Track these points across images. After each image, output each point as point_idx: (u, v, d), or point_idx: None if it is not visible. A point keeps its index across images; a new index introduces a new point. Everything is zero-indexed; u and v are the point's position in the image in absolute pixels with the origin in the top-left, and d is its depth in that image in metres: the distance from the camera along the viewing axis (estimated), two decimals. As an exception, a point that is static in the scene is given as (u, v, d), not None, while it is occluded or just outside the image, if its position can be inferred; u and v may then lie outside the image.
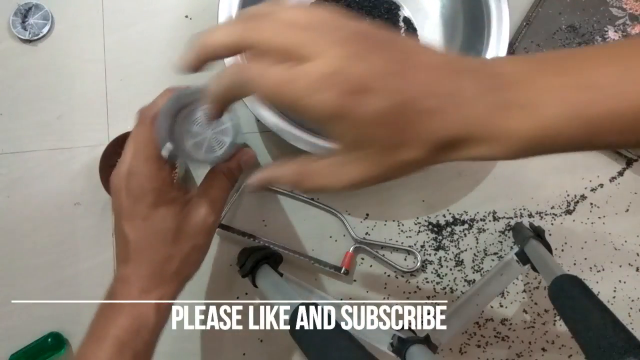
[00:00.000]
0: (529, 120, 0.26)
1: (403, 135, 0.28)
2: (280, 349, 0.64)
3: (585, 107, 0.25)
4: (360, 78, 0.26)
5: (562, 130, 0.26)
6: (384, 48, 0.28)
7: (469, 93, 0.27)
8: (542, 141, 0.27)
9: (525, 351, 0.64)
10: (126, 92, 0.67)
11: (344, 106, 0.26)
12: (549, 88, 0.26)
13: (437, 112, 0.27)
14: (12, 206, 0.66)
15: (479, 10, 0.59)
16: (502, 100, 0.27)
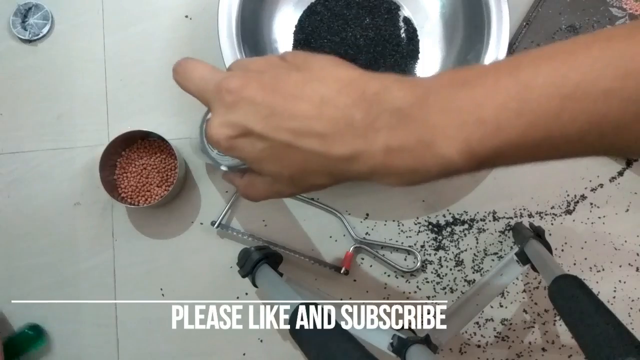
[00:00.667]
0: (425, 160, 0.26)
1: (297, 171, 0.30)
2: (280, 349, 0.64)
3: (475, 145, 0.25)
4: (241, 123, 0.29)
5: (458, 166, 0.26)
6: (269, 88, 0.29)
7: (359, 134, 0.27)
8: (440, 173, 0.27)
9: (525, 351, 0.64)
10: (126, 92, 0.67)
11: (233, 148, 0.30)
12: (439, 128, 0.26)
13: (324, 155, 0.28)
14: (12, 206, 0.66)
15: (479, 10, 0.59)
16: (396, 143, 0.26)
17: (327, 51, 0.65)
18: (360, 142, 0.27)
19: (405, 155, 0.26)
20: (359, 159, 0.27)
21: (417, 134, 0.26)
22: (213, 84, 0.32)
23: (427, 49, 0.66)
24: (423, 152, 0.26)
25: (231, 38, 0.58)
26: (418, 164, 0.26)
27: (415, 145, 0.26)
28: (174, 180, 0.63)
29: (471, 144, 0.25)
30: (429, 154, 0.26)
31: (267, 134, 0.29)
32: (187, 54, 0.67)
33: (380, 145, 0.27)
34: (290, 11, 0.66)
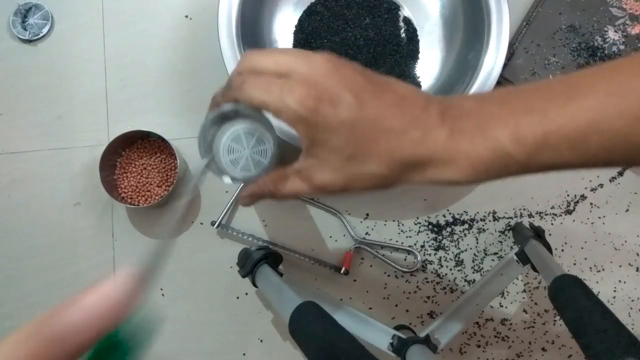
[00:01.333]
0: (480, 143, 0.30)
1: (365, 148, 0.32)
2: (280, 349, 0.64)
3: (525, 130, 0.29)
4: (329, 89, 0.31)
5: (509, 150, 0.29)
6: (362, 73, 0.33)
7: (431, 120, 0.31)
8: (494, 162, 0.30)
9: (525, 351, 0.64)
10: (126, 92, 0.67)
11: (311, 107, 0.31)
12: (495, 116, 0.30)
13: (401, 133, 0.31)
14: (12, 206, 0.66)
15: (479, 10, 0.59)
16: (459, 128, 0.31)
17: (327, 51, 0.65)
18: (430, 127, 0.31)
19: (464, 138, 0.30)
20: (425, 141, 0.31)
21: (475, 121, 0.30)
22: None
23: (427, 49, 0.66)
24: (479, 135, 0.30)
25: (231, 37, 0.58)
26: (473, 148, 0.30)
27: (473, 130, 0.30)
28: (174, 180, 0.63)
29: (520, 128, 0.29)
30: (483, 137, 0.30)
31: (355, 103, 0.31)
32: (187, 54, 0.68)
33: (446, 130, 0.31)
34: (290, 11, 0.66)
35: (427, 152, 0.31)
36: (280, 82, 0.32)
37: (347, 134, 0.32)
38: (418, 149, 0.31)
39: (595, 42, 0.64)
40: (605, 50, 0.64)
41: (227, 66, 0.57)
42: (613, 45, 0.64)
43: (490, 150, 0.30)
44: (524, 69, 0.64)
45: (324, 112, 0.31)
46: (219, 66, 0.66)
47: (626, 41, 0.64)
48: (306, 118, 0.31)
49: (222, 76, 0.66)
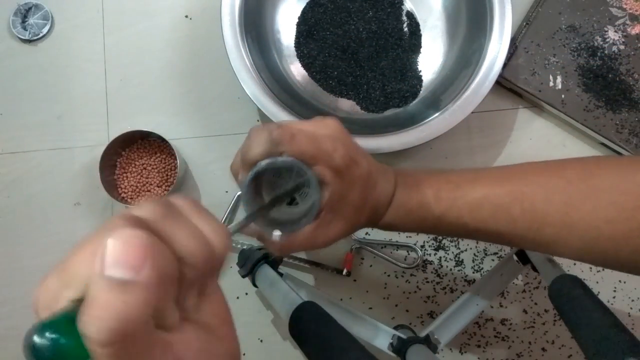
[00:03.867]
0: (414, 196, 0.40)
1: (366, 199, 0.38)
2: (280, 349, 0.64)
3: (443, 193, 0.39)
4: (353, 148, 0.37)
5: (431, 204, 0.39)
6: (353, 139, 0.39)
7: (391, 177, 0.40)
8: (419, 211, 0.40)
9: (525, 351, 0.64)
10: (126, 92, 0.67)
11: (347, 163, 0.36)
12: (426, 180, 0.41)
13: (377, 185, 0.39)
14: (12, 206, 0.66)
15: (482, 4, 0.59)
16: (403, 184, 0.40)
17: (329, 43, 0.65)
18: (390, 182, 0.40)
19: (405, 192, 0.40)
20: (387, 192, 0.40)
21: (413, 181, 0.41)
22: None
23: (430, 43, 0.66)
24: (414, 191, 0.40)
25: (234, 28, 0.58)
26: (409, 199, 0.40)
27: (411, 186, 0.41)
28: (174, 180, 0.63)
29: (440, 192, 0.39)
30: (416, 192, 0.40)
31: (365, 162, 0.38)
32: (187, 54, 0.68)
33: (397, 185, 0.41)
34: (294, 3, 0.66)
35: (385, 201, 0.40)
36: (324, 139, 0.35)
37: (360, 188, 0.37)
38: (382, 197, 0.39)
39: (595, 42, 0.64)
40: (605, 50, 0.64)
41: (230, 57, 0.57)
42: (613, 45, 0.64)
43: (419, 201, 0.39)
44: (524, 69, 0.64)
45: (352, 169, 0.36)
46: (220, 66, 0.66)
47: (626, 41, 0.64)
48: (343, 173, 0.35)
49: (223, 76, 0.66)
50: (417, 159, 0.66)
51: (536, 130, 0.66)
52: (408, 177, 0.41)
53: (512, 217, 0.37)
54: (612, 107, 0.63)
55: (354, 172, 0.37)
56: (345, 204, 0.37)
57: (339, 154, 0.35)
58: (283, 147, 0.34)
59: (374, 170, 0.39)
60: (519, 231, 0.38)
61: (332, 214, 0.37)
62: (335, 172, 0.35)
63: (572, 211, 0.35)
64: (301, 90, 0.65)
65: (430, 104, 0.62)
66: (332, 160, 0.35)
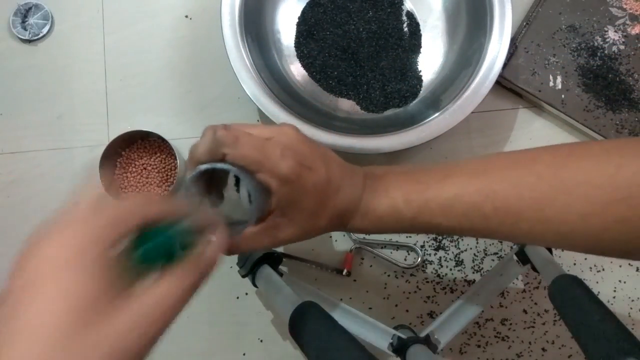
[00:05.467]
0: (383, 201, 0.39)
1: (323, 205, 0.38)
2: (280, 349, 0.64)
3: (413, 195, 0.38)
4: (307, 157, 0.37)
5: (401, 208, 0.39)
6: (316, 143, 0.39)
7: (358, 182, 0.40)
8: (391, 216, 0.39)
9: (525, 351, 0.64)
10: (126, 92, 0.67)
11: (296, 172, 0.35)
12: (394, 183, 0.40)
13: (340, 191, 0.38)
14: (12, 206, 0.66)
15: (482, 4, 0.59)
16: (372, 189, 0.40)
17: (329, 43, 0.65)
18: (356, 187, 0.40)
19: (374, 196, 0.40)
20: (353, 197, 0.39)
21: (382, 184, 0.40)
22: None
23: (430, 43, 0.66)
24: (383, 195, 0.39)
25: (234, 28, 0.58)
26: (378, 204, 0.40)
27: (380, 191, 0.40)
28: (174, 180, 0.63)
29: (410, 194, 0.39)
30: (385, 197, 0.39)
31: (323, 169, 0.38)
32: (187, 54, 0.68)
33: (364, 190, 0.40)
34: (294, 3, 0.66)
35: (351, 206, 0.39)
36: (271, 146, 0.35)
37: (315, 195, 0.37)
38: (347, 203, 0.39)
39: (595, 42, 0.64)
40: (605, 50, 0.64)
41: (230, 57, 0.57)
42: (613, 45, 0.64)
43: (389, 206, 0.39)
44: (524, 69, 0.64)
45: (304, 177, 0.36)
46: (220, 66, 0.66)
47: (626, 41, 0.64)
48: (292, 181, 0.35)
49: (223, 75, 0.66)
50: (417, 159, 0.66)
51: (536, 130, 0.66)
52: (377, 180, 0.41)
53: (485, 215, 0.37)
54: (612, 107, 0.63)
55: (306, 180, 0.36)
56: (296, 209, 0.37)
57: (287, 162, 0.35)
58: (226, 150, 0.34)
59: (337, 176, 0.39)
60: (493, 227, 0.37)
61: (282, 218, 0.37)
62: (280, 180, 0.35)
63: (545, 207, 0.35)
64: (301, 90, 0.65)
65: (430, 104, 0.62)
66: (278, 169, 0.35)
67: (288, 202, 0.36)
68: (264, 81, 0.58)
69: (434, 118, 0.57)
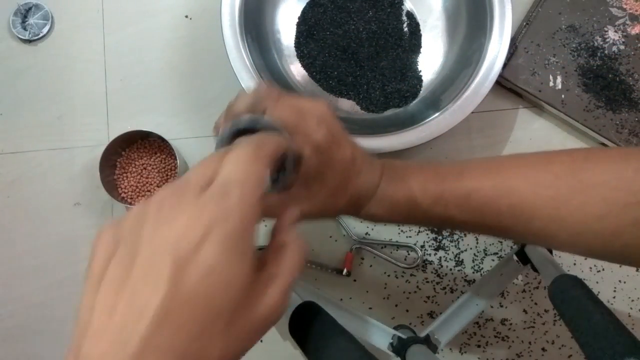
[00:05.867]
0: (400, 189, 0.39)
1: (344, 185, 0.38)
2: (280, 349, 0.64)
3: (429, 185, 0.39)
4: (338, 132, 0.37)
5: (417, 197, 0.39)
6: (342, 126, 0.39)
7: (377, 168, 0.40)
8: (406, 204, 0.39)
9: (525, 351, 0.64)
10: (126, 92, 0.67)
11: (329, 143, 0.36)
12: (412, 173, 0.40)
13: (361, 174, 0.39)
14: (12, 206, 0.66)
15: (482, 4, 0.59)
16: (389, 177, 0.40)
17: (329, 43, 0.65)
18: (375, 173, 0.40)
19: (391, 184, 0.40)
20: (371, 183, 0.40)
21: (400, 174, 0.40)
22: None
23: (430, 43, 0.66)
24: (400, 183, 0.40)
25: (234, 28, 0.58)
26: (394, 192, 0.40)
27: (397, 179, 0.40)
28: (174, 180, 0.63)
29: (427, 184, 0.39)
30: (402, 185, 0.40)
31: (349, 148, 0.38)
32: (187, 54, 0.68)
33: (382, 177, 0.40)
34: (294, 3, 0.66)
35: (369, 191, 0.39)
36: (309, 113, 0.36)
37: (339, 172, 0.37)
38: (366, 187, 0.39)
39: (595, 42, 0.64)
40: (605, 50, 0.64)
41: (230, 57, 0.57)
42: (613, 45, 0.64)
43: (405, 194, 0.39)
44: (524, 69, 0.64)
45: (334, 150, 0.36)
46: (220, 66, 0.66)
47: (626, 41, 0.64)
48: (323, 150, 0.35)
49: (223, 76, 0.66)
50: (417, 159, 0.66)
51: (536, 130, 0.66)
52: (395, 169, 0.41)
53: (500, 211, 0.37)
54: (612, 107, 0.63)
55: (335, 154, 0.36)
56: (320, 183, 0.37)
57: (322, 131, 0.35)
58: (267, 104, 0.35)
59: (360, 159, 0.39)
60: (506, 224, 0.37)
61: (304, 190, 0.37)
62: (314, 147, 0.35)
63: (560, 206, 0.35)
64: (301, 90, 0.65)
65: (430, 104, 0.62)
66: (313, 135, 0.35)
67: (315, 173, 0.36)
68: (264, 81, 0.58)
69: (434, 118, 0.57)
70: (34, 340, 0.65)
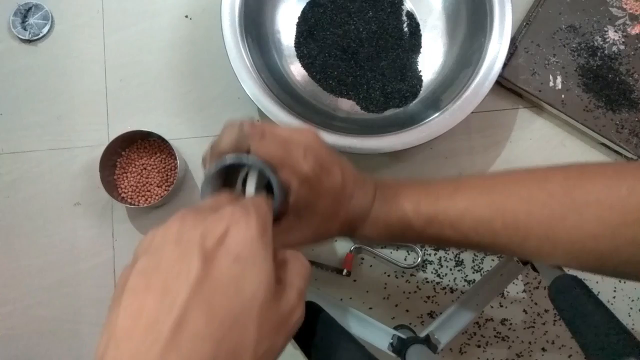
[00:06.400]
0: (393, 210, 0.39)
1: (336, 210, 0.38)
2: (280, 349, 0.64)
3: (422, 207, 0.39)
4: (326, 160, 0.37)
5: (410, 218, 0.39)
6: (331, 148, 0.39)
7: (369, 190, 0.40)
8: (399, 225, 0.39)
9: (525, 351, 0.64)
10: (126, 92, 0.67)
11: (317, 173, 0.36)
12: (405, 193, 0.40)
13: (353, 198, 0.39)
14: (12, 206, 0.66)
15: (482, 4, 0.59)
16: (382, 197, 0.40)
17: (329, 43, 0.65)
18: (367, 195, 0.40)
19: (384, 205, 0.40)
20: (364, 205, 0.40)
21: (392, 194, 0.40)
22: None
23: (430, 43, 0.66)
24: (393, 204, 0.40)
25: (234, 28, 0.58)
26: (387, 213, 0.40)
27: (390, 200, 0.40)
28: (174, 180, 0.63)
29: (420, 205, 0.39)
30: (395, 207, 0.40)
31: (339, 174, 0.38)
32: (187, 54, 0.68)
33: (375, 198, 0.40)
34: (294, 3, 0.66)
35: (362, 214, 0.39)
36: (295, 145, 0.35)
37: (330, 199, 0.37)
38: (358, 210, 0.39)
39: (595, 42, 0.64)
40: (605, 50, 0.64)
41: (230, 57, 0.57)
42: (613, 45, 0.64)
43: (399, 216, 0.39)
44: (524, 69, 0.64)
45: (323, 179, 0.36)
46: (220, 66, 0.66)
47: (626, 41, 0.64)
48: (311, 181, 0.35)
49: (223, 76, 0.66)
50: (417, 159, 0.66)
51: (536, 130, 0.66)
52: (387, 189, 0.41)
53: (494, 231, 0.37)
54: (612, 107, 0.63)
55: (324, 183, 0.36)
56: (312, 212, 0.37)
57: (308, 162, 0.35)
58: (251, 143, 0.34)
59: (351, 183, 0.39)
60: (501, 243, 0.37)
61: (296, 220, 0.37)
62: (301, 179, 0.35)
63: (555, 225, 0.34)
64: (301, 90, 0.65)
65: (430, 104, 0.62)
66: (300, 168, 0.35)
67: (305, 203, 0.36)
68: (264, 81, 0.58)
69: (434, 118, 0.57)
70: (34, 340, 0.65)
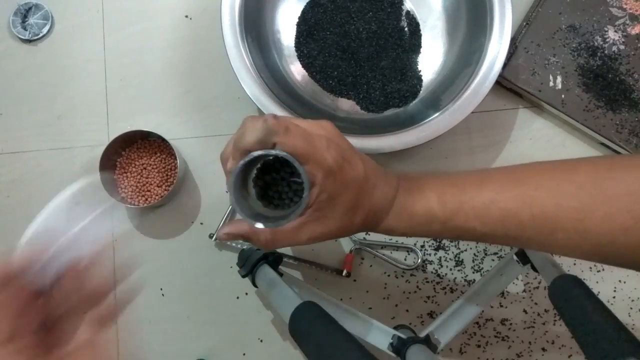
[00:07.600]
0: (417, 201, 0.39)
1: (360, 202, 0.38)
2: (280, 349, 0.64)
3: (447, 197, 0.38)
4: (347, 151, 0.37)
5: (435, 209, 0.38)
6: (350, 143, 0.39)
7: (392, 180, 0.40)
8: (423, 217, 0.39)
9: (525, 351, 0.64)
10: (126, 92, 0.67)
11: (340, 164, 0.36)
12: (429, 184, 0.40)
13: (376, 188, 0.39)
14: (12, 206, 0.66)
15: (482, 3, 0.59)
16: (405, 188, 0.40)
17: (329, 43, 0.65)
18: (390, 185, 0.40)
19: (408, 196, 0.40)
20: (386, 195, 0.40)
21: (416, 185, 0.40)
22: None
23: (430, 42, 0.66)
24: (417, 195, 0.40)
25: (234, 28, 0.58)
26: (412, 204, 0.40)
27: (414, 191, 0.40)
28: (174, 180, 0.63)
29: (444, 195, 0.38)
30: (419, 197, 0.39)
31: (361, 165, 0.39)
32: (187, 54, 0.68)
33: (398, 189, 0.40)
34: (294, 3, 0.66)
35: (386, 205, 0.39)
36: (317, 138, 0.36)
37: (353, 191, 0.37)
38: (382, 201, 0.39)
39: (595, 42, 0.64)
40: (605, 50, 0.64)
41: (230, 57, 0.57)
42: (613, 45, 0.64)
43: (423, 207, 0.39)
44: (524, 69, 0.64)
45: (345, 170, 0.36)
46: (220, 66, 0.66)
47: (626, 41, 0.64)
48: (335, 173, 0.35)
49: (223, 76, 0.66)
50: (417, 159, 0.66)
51: (536, 130, 0.66)
52: (411, 181, 0.40)
53: (521, 222, 0.36)
54: (612, 107, 0.63)
55: (347, 174, 0.36)
56: (336, 204, 0.37)
57: (332, 154, 0.35)
58: (277, 138, 0.34)
59: (373, 173, 0.39)
60: (528, 235, 0.36)
61: (320, 212, 0.37)
62: (326, 172, 0.35)
63: (584, 217, 0.34)
64: (301, 90, 0.65)
65: (430, 104, 0.62)
66: (324, 160, 0.35)
67: (329, 196, 0.36)
68: (264, 81, 0.58)
69: (434, 118, 0.57)
70: (34, 340, 0.65)
